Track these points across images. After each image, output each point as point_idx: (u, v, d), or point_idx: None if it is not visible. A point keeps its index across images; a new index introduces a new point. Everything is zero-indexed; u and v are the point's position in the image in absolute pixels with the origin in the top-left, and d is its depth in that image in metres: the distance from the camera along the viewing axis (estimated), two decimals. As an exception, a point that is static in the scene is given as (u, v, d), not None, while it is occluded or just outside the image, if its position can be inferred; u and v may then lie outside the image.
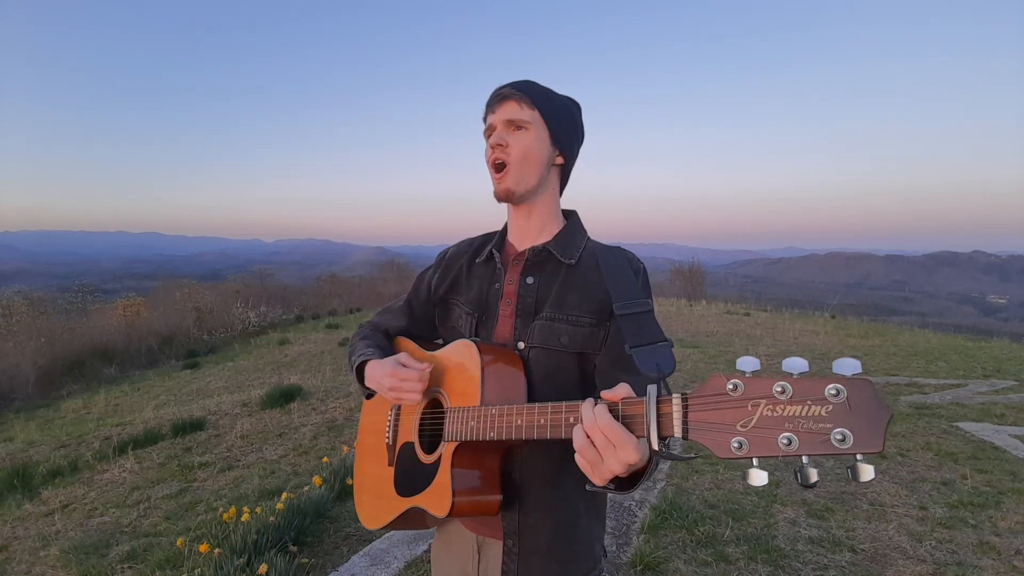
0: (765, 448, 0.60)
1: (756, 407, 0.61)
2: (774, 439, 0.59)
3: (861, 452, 0.55)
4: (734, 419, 0.62)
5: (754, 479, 0.61)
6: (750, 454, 0.60)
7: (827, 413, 0.57)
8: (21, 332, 15.88)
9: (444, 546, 1.15)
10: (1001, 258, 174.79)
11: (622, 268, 1.00)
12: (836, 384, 0.57)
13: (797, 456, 0.58)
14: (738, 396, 0.62)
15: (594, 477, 0.74)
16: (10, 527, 3.76)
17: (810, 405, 0.58)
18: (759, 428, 0.60)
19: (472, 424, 0.91)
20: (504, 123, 1.02)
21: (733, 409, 0.62)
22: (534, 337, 1.00)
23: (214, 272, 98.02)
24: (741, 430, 0.61)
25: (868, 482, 0.55)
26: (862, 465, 0.54)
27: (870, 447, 0.54)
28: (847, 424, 0.55)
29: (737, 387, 0.62)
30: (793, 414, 0.59)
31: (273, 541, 2.82)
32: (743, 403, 0.62)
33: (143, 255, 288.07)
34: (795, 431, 0.58)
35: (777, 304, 20.74)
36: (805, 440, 0.57)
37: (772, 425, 0.60)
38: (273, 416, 5.90)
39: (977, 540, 2.80)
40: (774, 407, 0.60)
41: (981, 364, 7.45)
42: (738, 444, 0.61)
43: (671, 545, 2.80)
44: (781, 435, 0.58)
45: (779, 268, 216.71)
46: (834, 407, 0.56)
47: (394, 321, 1.24)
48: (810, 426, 0.57)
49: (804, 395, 0.58)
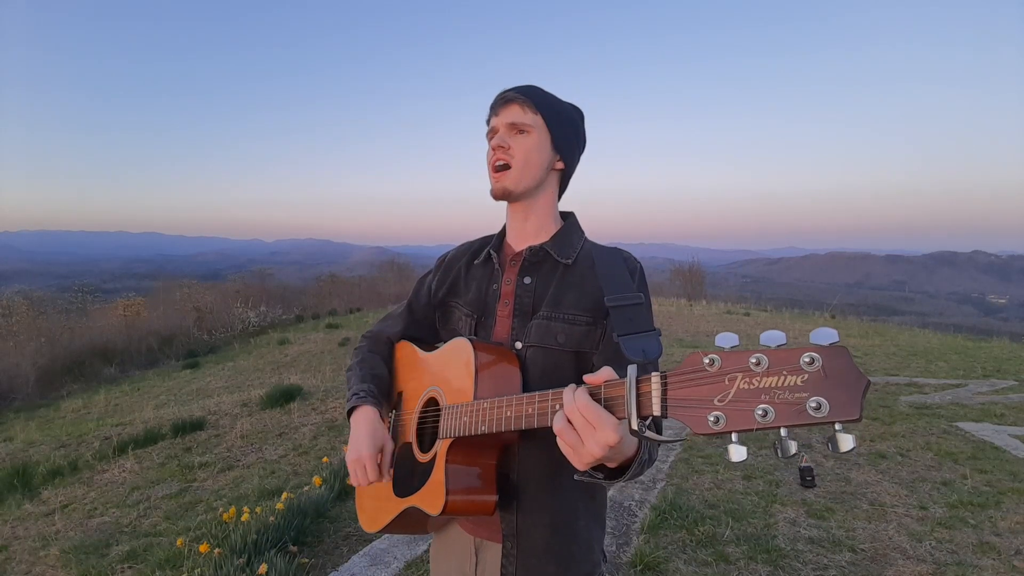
0: (742, 421, 0.58)
1: (733, 381, 0.60)
2: (750, 411, 0.58)
3: (838, 420, 0.53)
4: (711, 394, 0.61)
5: (733, 454, 0.60)
6: (727, 428, 0.59)
7: (802, 382, 0.56)
8: (21, 332, 15.87)
9: (442, 548, 1.15)
10: (1001, 258, 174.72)
11: (618, 267, 1.00)
12: (811, 352, 0.56)
13: (775, 428, 0.57)
14: (715, 371, 0.61)
15: (575, 461, 0.73)
16: (10, 527, 3.76)
17: (786, 375, 0.57)
18: (736, 402, 0.59)
19: (465, 419, 0.91)
20: (507, 126, 1.03)
21: (710, 384, 0.61)
22: (531, 336, 1.00)
23: (214, 272, 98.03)
24: (718, 404, 0.60)
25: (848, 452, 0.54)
26: (840, 435, 0.53)
27: (847, 415, 0.53)
28: (823, 392, 0.54)
29: (714, 362, 0.61)
30: (769, 385, 0.57)
31: (273, 541, 2.82)
32: (720, 377, 0.61)
33: (143, 255, 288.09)
34: (771, 402, 0.57)
35: (777, 304, 20.74)
36: (781, 411, 0.56)
37: (748, 398, 0.58)
38: (273, 416, 5.90)
39: (977, 540, 2.79)
40: (750, 379, 0.59)
41: (981, 364, 7.45)
42: (715, 419, 0.60)
43: (671, 545, 2.79)
44: (757, 407, 0.57)
45: (779, 268, 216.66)
46: (809, 376, 0.55)
47: (395, 327, 1.24)
48: (786, 396, 0.56)
49: (779, 365, 0.57)
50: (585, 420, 0.70)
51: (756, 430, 0.58)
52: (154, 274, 71.89)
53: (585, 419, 0.70)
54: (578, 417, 0.71)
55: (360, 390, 1.10)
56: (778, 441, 0.57)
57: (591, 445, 0.70)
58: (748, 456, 0.61)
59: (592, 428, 0.70)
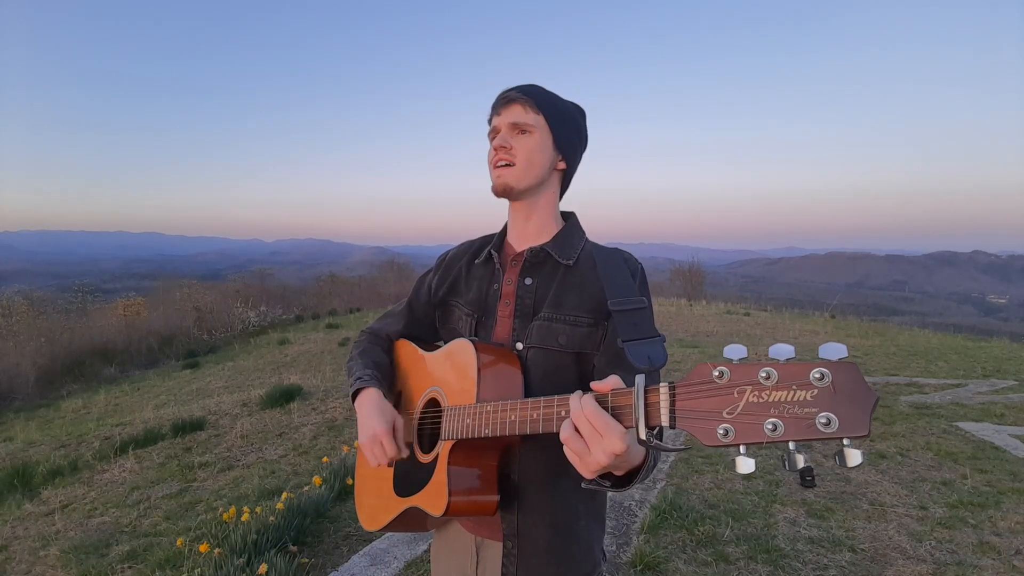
0: (751, 435, 0.59)
1: (742, 394, 0.60)
2: (760, 425, 0.58)
3: (847, 436, 0.54)
4: (720, 406, 0.61)
5: (741, 467, 0.60)
6: (736, 441, 0.59)
7: (812, 397, 0.56)
8: (21, 332, 15.86)
9: (443, 547, 1.15)
10: (1001, 258, 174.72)
11: (619, 268, 1.00)
12: (821, 368, 0.56)
13: (784, 442, 0.57)
14: (724, 383, 0.61)
15: (582, 469, 0.73)
16: (10, 527, 3.76)
17: (795, 390, 0.57)
18: (745, 415, 0.59)
19: (468, 421, 0.91)
20: (509, 126, 1.03)
21: (719, 396, 0.62)
22: (532, 337, 1.00)
23: (214, 272, 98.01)
24: (727, 417, 0.60)
25: (855, 467, 0.54)
26: (848, 450, 0.54)
27: (856, 431, 0.53)
28: (832, 408, 0.55)
29: (723, 374, 0.62)
30: (779, 399, 0.58)
31: (273, 541, 2.82)
32: (729, 390, 0.61)
33: (143, 255, 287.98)
34: (780, 416, 0.57)
35: (777, 304, 20.73)
36: (791, 425, 0.56)
37: (758, 411, 0.59)
38: (273, 416, 5.90)
39: (977, 540, 2.79)
40: (760, 393, 0.59)
41: (981, 364, 7.45)
42: (724, 431, 0.60)
43: (671, 545, 2.79)
44: (767, 421, 0.57)
45: (779, 268, 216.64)
46: (819, 391, 0.56)
47: (395, 325, 1.24)
48: (795, 411, 0.56)
49: (789, 380, 0.58)
50: (592, 428, 0.70)
51: (765, 443, 0.58)
52: (154, 274, 71.89)
53: (592, 427, 0.70)
54: (585, 425, 0.70)
55: (363, 374, 1.11)
56: (786, 454, 0.57)
57: (598, 453, 0.70)
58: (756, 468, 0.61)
59: (599, 436, 0.69)
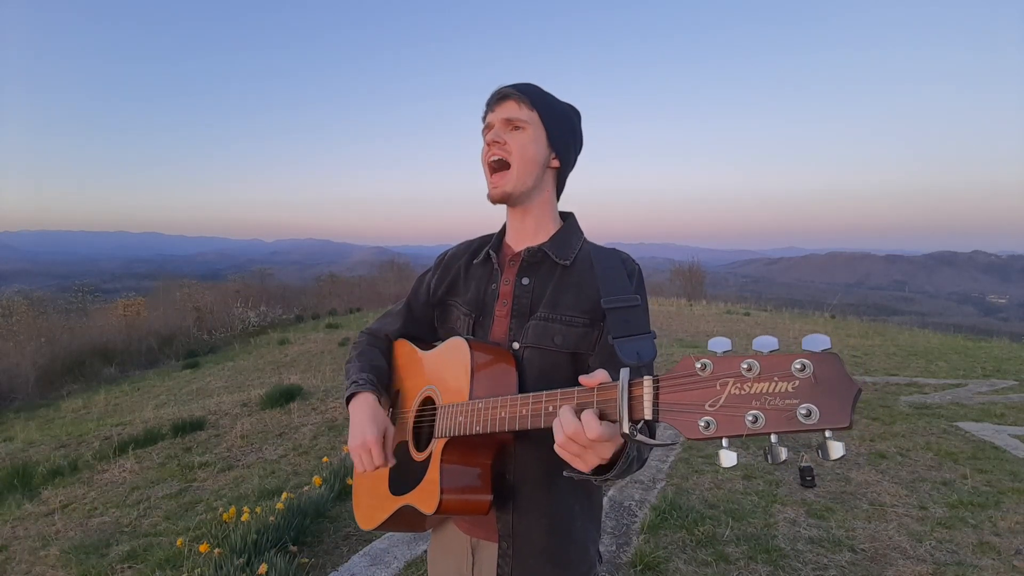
0: (732, 427, 0.58)
1: (724, 386, 0.60)
2: (741, 417, 0.57)
3: (828, 428, 0.53)
4: (703, 399, 0.61)
5: (724, 460, 0.60)
6: (718, 434, 0.59)
7: (793, 389, 0.55)
8: (21, 332, 15.86)
9: (439, 548, 1.15)
10: (1001, 258, 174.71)
11: (616, 268, 1.00)
12: (802, 359, 0.55)
13: (765, 434, 0.57)
14: (707, 376, 0.61)
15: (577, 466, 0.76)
16: (10, 527, 3.76)
17: (777, 381, 0.57)
18: (727, 407, 0.59)
19: (460, 419, 0.91)
20: (502, 122, 1.03)
21: (702, 389, 0.61)
22: (528, 337, 1.00)
23: (214, 272, 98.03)
24: (709, 410, 0.60)
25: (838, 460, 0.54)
26: (831, 443, 0.53)
27: (837, 422, 0.53)
28: (813, 399, 0.54)
29: (706, 367, 0.61)
30: (760, 391, 0.57)
31: (273, 541, 2.82)
32: (711, 382, 0.61)
33: (143, 255, 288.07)
34: (762, 408, 0.57)
35: (777, 304, 20.74)
36: (772, 417, 0.56)
37: (739, 403, 0.58)
38: (273, 416, 5.90)
39: (977, 540, 2.79)
40: (742, 385, 0.59)
41: (981, 364, 7.45)
42: (705, 424, 0.60)
43: (671, 545, 2.79)
44: (748, 413, 0.57)
45: (779, 268, 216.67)
46: (800, 382, 0.55)
47: (394, 324, 1.24)
48: (777, 403, 0.56)
49: (771, 371, 0.57)
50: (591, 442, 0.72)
51: (746, 436, 0.57)
52: (154, 274, 71.91)
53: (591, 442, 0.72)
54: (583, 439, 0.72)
55: (359, 378, 1.11)
56: (768, 447, 0.57)
57: (590, 458, 0.73)
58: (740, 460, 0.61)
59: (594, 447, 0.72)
